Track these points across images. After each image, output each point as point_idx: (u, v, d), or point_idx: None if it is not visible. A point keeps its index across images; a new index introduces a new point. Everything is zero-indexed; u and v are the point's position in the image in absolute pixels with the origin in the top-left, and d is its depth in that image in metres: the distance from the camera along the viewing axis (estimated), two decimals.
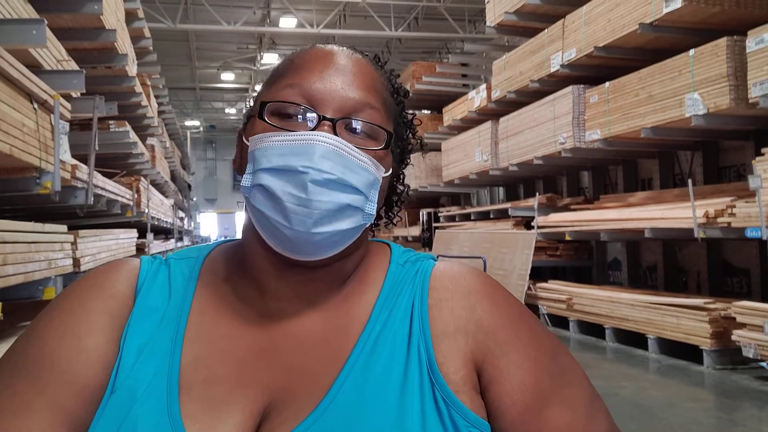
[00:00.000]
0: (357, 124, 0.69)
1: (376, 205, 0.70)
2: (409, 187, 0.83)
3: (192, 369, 0.66)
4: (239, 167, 0.75)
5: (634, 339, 6.11)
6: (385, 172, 0.72)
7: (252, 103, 0.77)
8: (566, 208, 8.19)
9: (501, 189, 11.75)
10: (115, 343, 0.68)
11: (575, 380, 0.70)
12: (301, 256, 0.67)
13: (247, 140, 0.70)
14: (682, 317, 5.45)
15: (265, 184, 0.65)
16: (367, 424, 0.62)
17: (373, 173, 0.69)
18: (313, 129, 0.67)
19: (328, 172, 0.64)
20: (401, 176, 0.81)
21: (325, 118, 0.67)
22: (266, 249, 0.70)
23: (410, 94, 0.82)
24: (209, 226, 31.35)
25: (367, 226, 0.71)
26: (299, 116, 0.68)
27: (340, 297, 0.72)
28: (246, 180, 0.68)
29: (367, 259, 0.77)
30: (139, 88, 6.52)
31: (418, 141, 0.84)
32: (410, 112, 0.82)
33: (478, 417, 0.65)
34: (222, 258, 0.77)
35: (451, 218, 11.12)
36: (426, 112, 13.77)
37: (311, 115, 0.68)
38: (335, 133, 0.67)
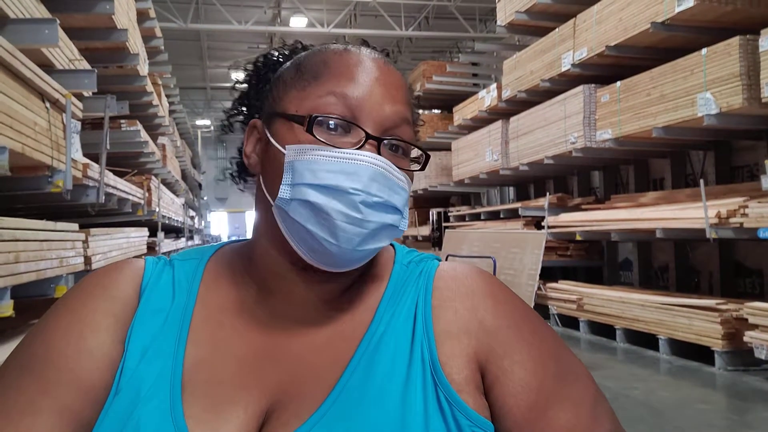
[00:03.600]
0: (397, 143, 0.69)
1: (407, 220, 0.71)
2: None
3: (195, 370, 0.66)
4: (257, 165, 0.73)
5: (645, 340, 6.07)
6: (411, 185, 0.72)
7: (272, 95, 0.73)
8: (577, 208, 8.15)
9: (511, 189, 11.72)
10: (119, 344, 0.68)
11: (579, 380, 0.69)
12: (334, 268, 0.68)
13: (282, 146, 0.68)
14: (694, 318, 5.41)
15: (313, 201, 0.64)
16: (370, 423, 0.62)
17: (408, 192, 0.70)
18: (359, 147, 0.66)
19: (377, 195, 0.65)
20: None
21: (370, 137, 0.66)
22: (282, 253, 0.69)
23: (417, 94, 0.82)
24: (219, 225, 31.48)
25: None
26: (342, 128, 0.67)
27: (344, 298, 0.73)
28: (284, 192, 0.66)
29: (371, 261, 0.76)
30: (150, 88, 6.55)
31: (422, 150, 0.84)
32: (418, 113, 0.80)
33: (481, 417, 0.65)
34: (227, 259, 0.77)
35: (461, 218, 11.10)
36: (436, 111, 13.76)
37: (357, 132, 0.67)
38: (379, 151, 0.67)
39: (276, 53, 0.80)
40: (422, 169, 0.72)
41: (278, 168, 0.67)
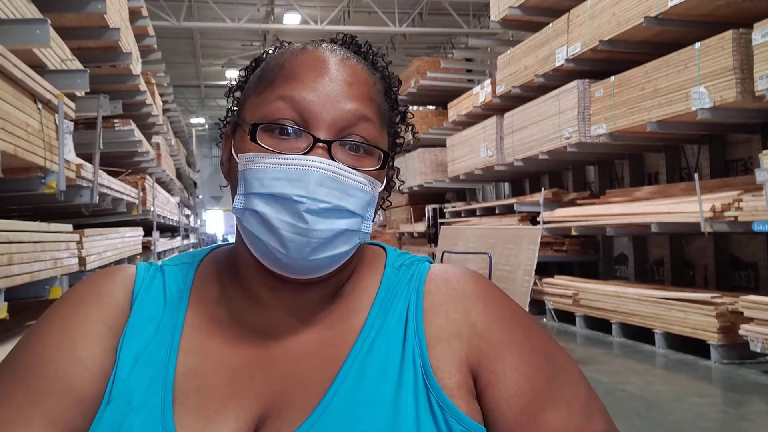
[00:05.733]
0: (353, 143, 0.66)
1: (372, 222, 0.68)
2: (398, 170, 0.79)
3: (186, 379, 0.66)
4: (228, 173, 0.73)
5: (641, 334, 6.09)
6: (381, 186, 0.70)
7: (239, 97, 0.74)
8: (572, 203, 8.16)
9: (506, 184, 11.72)
10: (111, 352, 0.67)
11: (571, 380, 0.69)
12: (295, 276, 0.67)
13: (237, 155, 0.67)
14: (689, 312, 5.42)
15: (260, 211, 0.64)
16: (362, 429, 0.61)
17: (370, 192, 0.67)
18: (307, 152, 0.64)
19: (324, 200, 0.63)
20: (394, 171, 0.79)
21: (318, 140, 0.64)
22: (258, 262, 0.69)
23: (401, 83, 0.79)
24: (215, 223, 31.43)
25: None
26: (295, 132, 0.65)
27: (335, 304, 0.72)
28: (238, 202, 0.66)
29: (362, 265, 0.76)
30: (143, 87, 6.53)
31: (413, 134, 0.81)
32: (404, 106, 0.79)
33: (474, 421, 0.64)
34: (216, 265, 0.76)
35: (457, 214, 11.10)
36: (431, 107, 13.76)
37: (307, 136, 0.65)
38: (330, 154, 0.64)
39: (254, 62, 0.78)
40: (381, 168, 0.68)
41: (236, 178, 0.67)
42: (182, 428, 0.62)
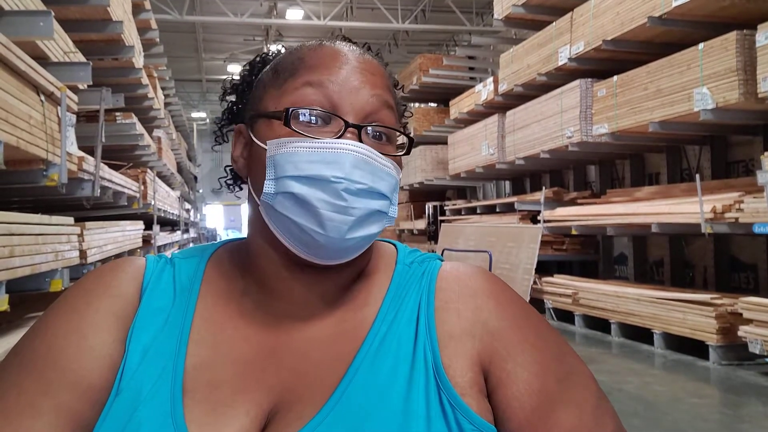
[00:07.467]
0: (379, 129, 0.69)
1: (396, 207, 0.71)
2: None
3: (196, 372, 0.66)
4: (245, 167, 0.73)
5: (640, 334, 6.09)
6: (400, 173, 0.72)
7: (253, 99, 0.75)
8: (573, 203, 8.16)
9: (507, 183, 11.72)
10: (120, 344, 0.67)
11: (582, 381, 0.69)
12: (327, 260, 0.68)
13: (263, 143, 0.68)
14: (689, 312, 5.43)
15: (296, 192, 0.65)
16: (372, 426, 0.62)
17: (395, 177, 0.70)
18: (340, 136, 0.66)
19: (360, 182, 0.65)
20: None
21: (349, 125, 0.67)
22: (277, 251, 0.69)
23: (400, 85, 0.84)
24: (215, 218, 31.45)
25: None
26: (322, 118, 0.67)
27: (346, 298, 0.72)
28: (269, 186, 0.66)
29: (373, 260, 0.76)
30: (145, 80, 6.52)
31: (405, 134, 0.84)
32: (403, 105, 0.82)
33: (485, 420, 0.64)
34: (227, 258, 0.77)
35: (457, 212, 11.10)
36: (432, 104, 13.74)
37: (337, 121, 0.67)
38: (360, 139, 0.67)
39: (258, 59, 0.80)
40: (407, 153, 0.72)
41: (262, 165, 0.68)
42: (192, 422, 0.62)
